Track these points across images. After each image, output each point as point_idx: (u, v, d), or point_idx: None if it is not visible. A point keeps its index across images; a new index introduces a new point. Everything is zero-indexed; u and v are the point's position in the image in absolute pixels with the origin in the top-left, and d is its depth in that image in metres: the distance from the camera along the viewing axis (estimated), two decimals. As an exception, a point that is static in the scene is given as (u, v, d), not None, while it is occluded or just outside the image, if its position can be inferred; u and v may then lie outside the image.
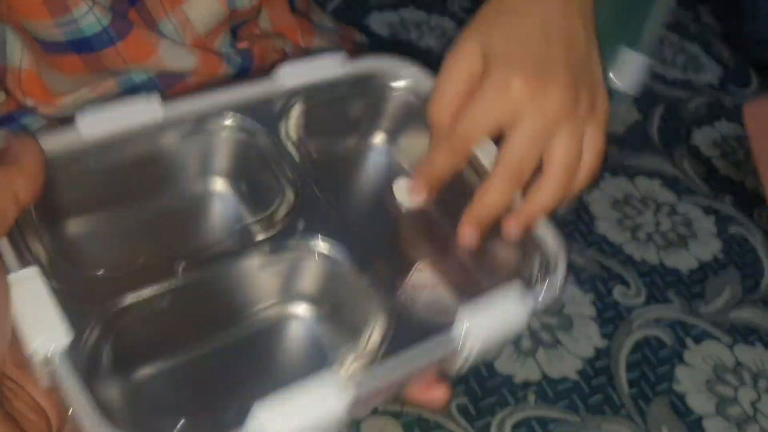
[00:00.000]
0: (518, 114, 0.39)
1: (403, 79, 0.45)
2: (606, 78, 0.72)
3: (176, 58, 0.51)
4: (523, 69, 0.39)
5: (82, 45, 0.47)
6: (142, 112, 0.38)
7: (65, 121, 0.36)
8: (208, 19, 0.53)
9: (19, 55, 0.49)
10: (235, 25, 0.57)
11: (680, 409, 0.83)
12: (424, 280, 0.41)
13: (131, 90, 0.52)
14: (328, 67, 0.43)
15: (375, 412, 0.77)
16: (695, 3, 1.46)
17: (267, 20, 0.61)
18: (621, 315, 0.92)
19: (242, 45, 0.58)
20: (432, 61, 0.49)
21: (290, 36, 0.62)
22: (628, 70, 0.84)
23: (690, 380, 0.86)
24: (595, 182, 1.07)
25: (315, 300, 0.40)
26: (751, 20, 1.31)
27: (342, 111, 0.45)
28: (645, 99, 1.23)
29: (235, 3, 0.54)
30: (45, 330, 0.29)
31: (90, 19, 0.46)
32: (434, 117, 0.41)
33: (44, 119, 0.50)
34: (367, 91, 0.45)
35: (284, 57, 0.61)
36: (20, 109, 0.50)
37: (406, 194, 0.43)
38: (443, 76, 0.41)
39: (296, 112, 0.42)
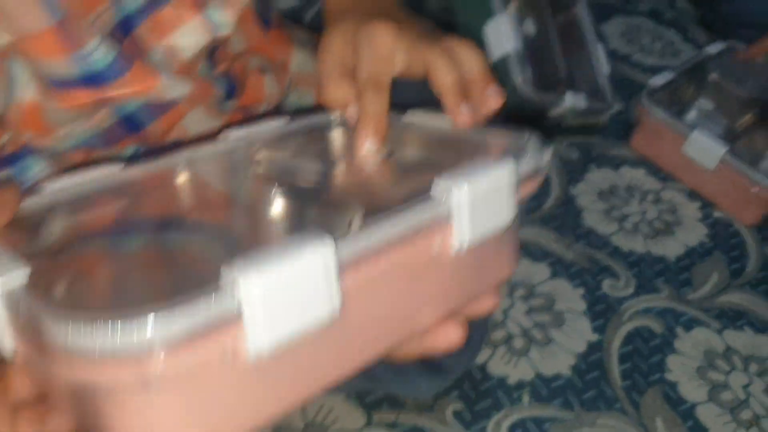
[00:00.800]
0: (398, 41, 0.44)
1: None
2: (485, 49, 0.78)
3: (174, 87, 0.53)
4: (380, 21, 0.44)
5: (93, 79, 0.48)
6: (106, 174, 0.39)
7: (67, 169, 0.38)
8: (194, 46, 0.54)
9: (24, 88, 0.49)
10: (211, 50, 0.58)
11: (673, 398, 0.84)
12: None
13: (124, 119, 0.54)
14: (272, 126, 0.46)
15: (369, 422, 0.78)
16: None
17: (240, 41, 0.62)
18: (611, 307, 0.93)
19: (220, 68, 0.59)
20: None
21: (266, 53, 0.63)
22: (499, 35, 0.88)
23: (681, 369, 0.87)
24: (580, 174, 1.08)
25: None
26: (728, 2, 1.31)
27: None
28: (624, 88, 1.24)
29: (217, 29, 0.55)
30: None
31: (101, 52, 0.47)
32: (333, 101, 0.44)
33: (44, 161, 0.51)
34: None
35: (263, 74, 0.62)
36: (23, 149, 0.51)
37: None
38: (322, 64, 0.45)
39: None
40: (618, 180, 1.10)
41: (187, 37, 0.53)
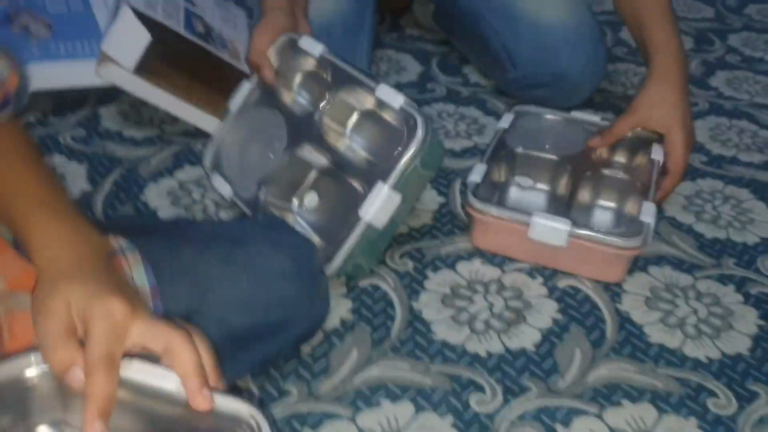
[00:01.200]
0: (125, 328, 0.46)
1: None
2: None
3: None
4: (116, 297, 0.47)
5: None
6: None
7: None
8: None
9: None
10: None
11: None
12: None
13: None
14: None
15: None
16: (458, 68, 1.47)
17: None
18: (485, 427, 0.85)
19: None
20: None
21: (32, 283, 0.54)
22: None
23: (572, 474, 0.79)
24: (419, 283, 1.01)
25: None
26: (512, 69, 1.32)
27: None
28: (441, 179, 1.21)
29: None
30: None
31: None
32: (58, 364, 0.45)
33: None
34: None
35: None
36: None
37: None
38: (45, 326, 0.46)
39: None
40: (456, 279, 1.04)
41: None
